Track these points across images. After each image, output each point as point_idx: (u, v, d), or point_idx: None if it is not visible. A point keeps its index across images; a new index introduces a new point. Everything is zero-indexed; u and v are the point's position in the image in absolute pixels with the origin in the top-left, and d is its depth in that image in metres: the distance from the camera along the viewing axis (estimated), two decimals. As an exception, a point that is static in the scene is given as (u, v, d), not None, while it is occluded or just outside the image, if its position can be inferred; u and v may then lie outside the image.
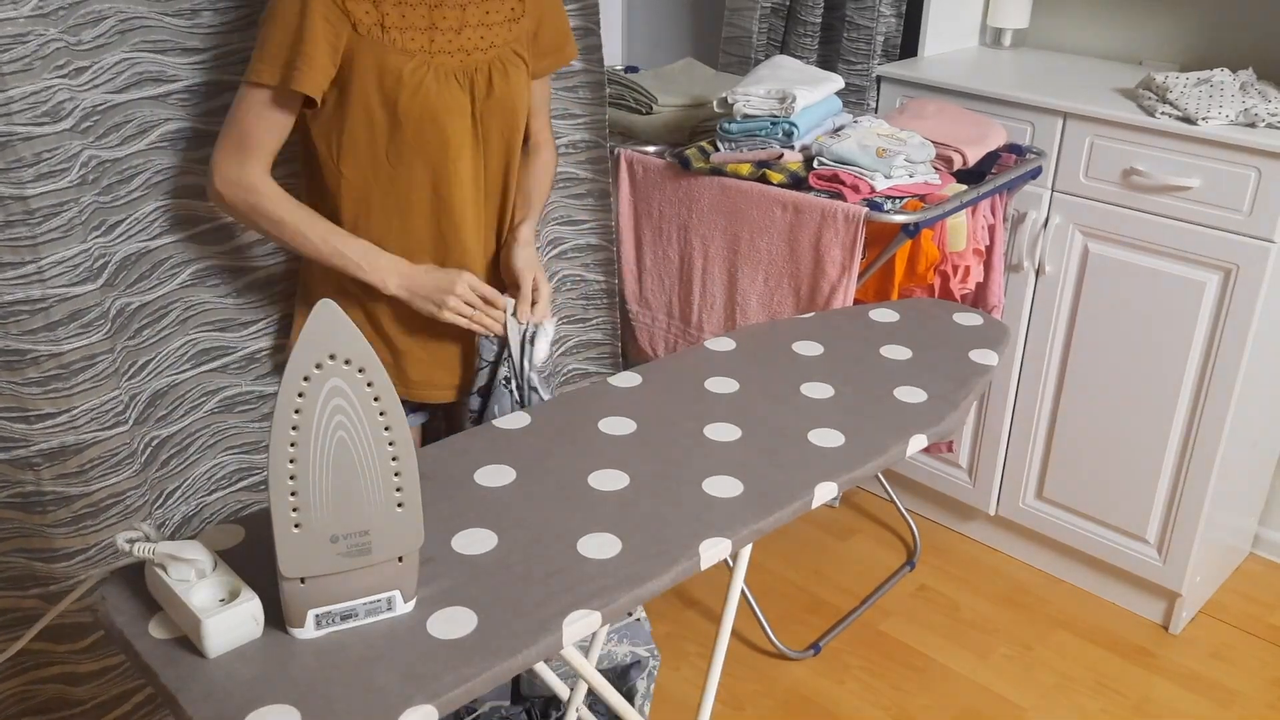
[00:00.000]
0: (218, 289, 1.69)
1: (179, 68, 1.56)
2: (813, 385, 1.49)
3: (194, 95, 1.59)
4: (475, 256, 1.64)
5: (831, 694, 2.20)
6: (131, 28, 1.49)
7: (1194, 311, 2.14)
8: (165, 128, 1.57)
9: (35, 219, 1.36)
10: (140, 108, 1.53)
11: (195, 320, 1.68)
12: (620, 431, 1.36)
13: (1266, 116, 2.03)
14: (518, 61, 1.58)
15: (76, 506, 1.50)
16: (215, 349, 1.71)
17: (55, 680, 1.59)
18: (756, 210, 2.05)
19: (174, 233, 1.62)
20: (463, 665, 0.99)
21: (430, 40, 1.49)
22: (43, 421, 1.45)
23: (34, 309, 1.40)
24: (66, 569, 1.53)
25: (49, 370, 1.43)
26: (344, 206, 1.57)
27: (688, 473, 1.28)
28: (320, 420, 0.96)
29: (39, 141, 1.35)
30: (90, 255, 1.44)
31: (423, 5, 1.48)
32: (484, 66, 1.54)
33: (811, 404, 1.45)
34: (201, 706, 0.94)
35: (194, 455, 1.73)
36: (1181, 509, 2.26)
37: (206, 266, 1.68)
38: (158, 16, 1.52)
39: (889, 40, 2.53)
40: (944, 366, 1.55)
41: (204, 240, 1.66)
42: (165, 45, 1.54)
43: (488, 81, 1.54)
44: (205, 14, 1.57)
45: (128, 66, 1.50)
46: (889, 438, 1.37)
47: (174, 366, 1.66)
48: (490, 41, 1.54)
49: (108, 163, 1.49)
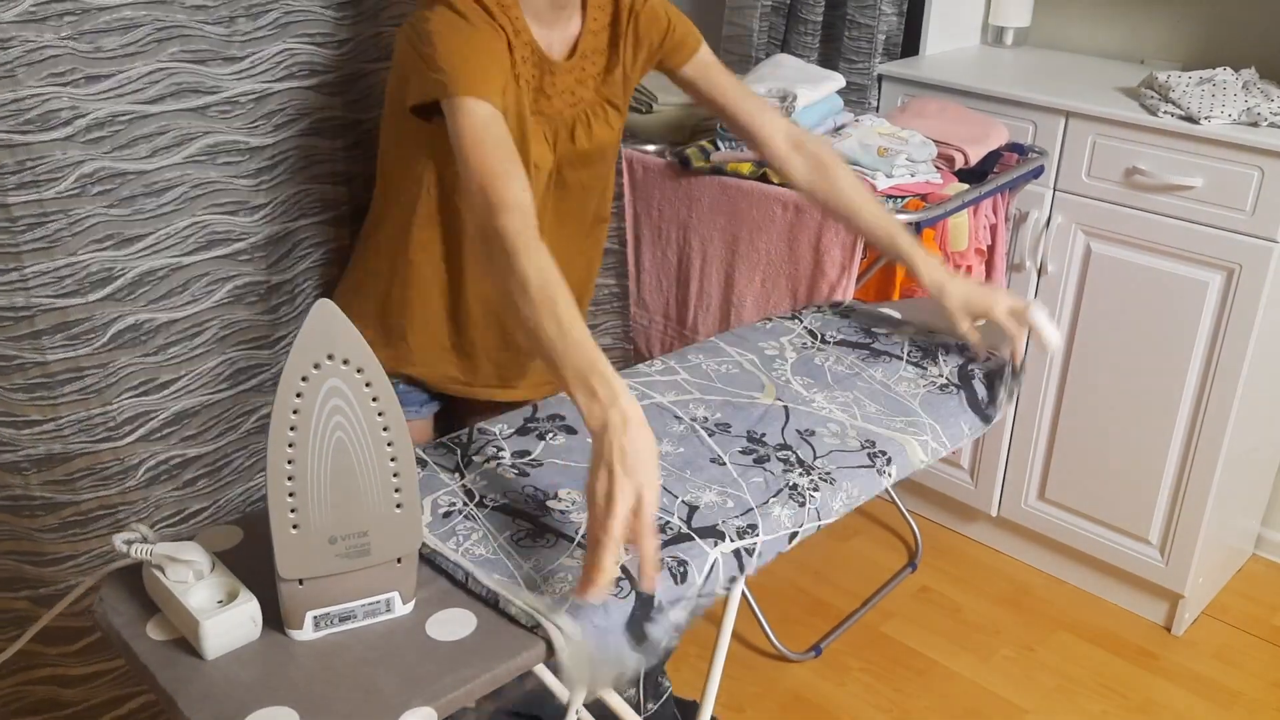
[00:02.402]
0: (255, 306, 1.65)
1: (219, 78, 1.52)
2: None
3: (235, 106, 1.55)
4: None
5: (833, 696, 2.19)
6: (169, 36, 1.45)
7: (1196, 311, 2.13)
8: (205, 140, 1.53)
9: (18, 227, 1.35)
10: (176, 119, 1.49)
11: (233, 339, 1.64)
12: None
13: (1269, 116, 2.03)
14: (603, 111, 1.55)
15: (65, 514, 1.49)
16: (253, 367, 1.68)
17: (46, 682, 1.59)
18: (756, 209, 2.05)
19: (211, 249, 1.57)
20: (462, 667, 0.98)
21: (534, 100, 1.46)
22: (30, 428, 1.44)
23: (18, 316, 1.38)
24: (56, 573, 1.52)
25: (34, 378, 1.41)
26: (441, 220, 1.49)
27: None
28: (318, 421, 0.95)
29: (22, 150, 1.33)
30: (82, 268, 1.42)
31: (537, 67, 1.45)
32: (567, 120, 1.50)
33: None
34: (200, 708, 0.93)
35: (228, 476, 1.69)
36: (1184, 510, 2.25)
37: (246, 284, 1.63)
38: (197, 25, 1.48)
39: (890, 39, 2.52)
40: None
41: (242, 257, 1.61)
42: (205, 55, 1.49)
43: (570, 133, 1.51)
44: (240, 21, 1.52)
45: (163, 76, 1.46)
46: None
47: (208, 386, 1.62)
48: (579, 97, 1.51)
49: (130, 175, 1.46)
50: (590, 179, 1.59)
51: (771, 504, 1.22)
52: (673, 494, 1.22)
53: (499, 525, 1.16)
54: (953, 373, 1.50)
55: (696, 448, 1.32)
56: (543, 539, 1.14)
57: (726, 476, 1.26)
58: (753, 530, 1.18)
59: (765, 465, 1.28)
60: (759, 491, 1.24)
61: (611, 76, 1.55)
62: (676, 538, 1.15)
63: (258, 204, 1.62)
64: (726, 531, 1.17)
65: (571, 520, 1.18)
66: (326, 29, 1.63)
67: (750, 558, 1.16)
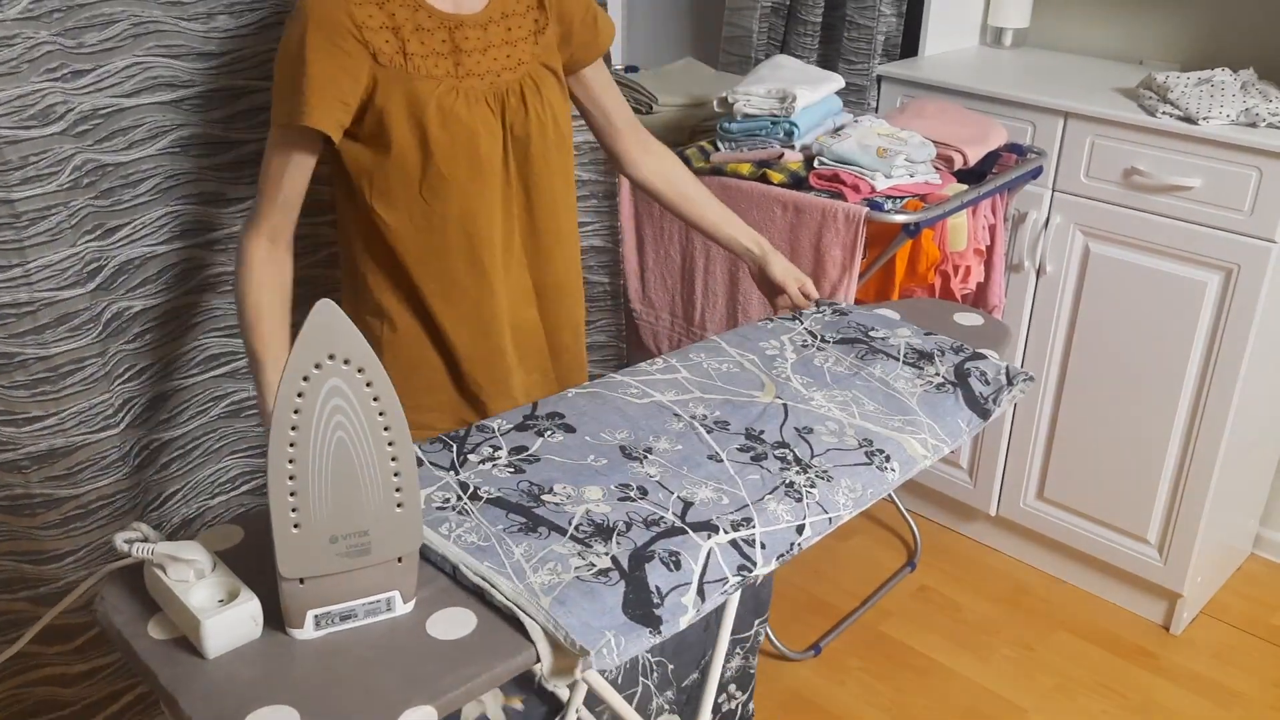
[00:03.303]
0: (229, 295, 1.68)
1: (193, 73, 1.54)
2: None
3: (209, 101, 1.57)
4: (501, 293, 1.53)
5: (832, 695, 2.19)
6: (145, 31, 1.48)
7: (1195, 311, 2.14)
8: (178, 133, 1.55)
9: (21, 222, 1.36)
10: (151, 112, 1.51)
11: (205, 326, 1.67)
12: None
13: (1267, 116, 2.03)
14: (548, 76, 1.51)
15: (65, 509, 1.50)
16: (224, 354, 1.71)
17: (45, 683, 1.59)
18: (757, 210, 2.05)
19: (185, 238, 1.60)
20: (462, 666, 0.98)
21: (455, 64, 1.41)
22: (31, 425, 1.44)
23: (21, 312, 1.39)
24: (56, 570, 1.52)
25: (37, 373, 1.42)
26: (381, 254, 1.47)
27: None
28: (319, 420, 0.96)
29: (26, 145, 1.34)
30: (80, 259, 1.43)
31: (442, 29, 1.40)
32: (515, 86, 1.45)
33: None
34: (201, 707, 0.93)
35: (198, 459, 1.72)
36: (1183, 509, 2.25)
37: (219, 273, 1.66)
38: (173, 21, 1.50)
39: (889, 40, 2.53)
40: (945, 366, 1.54)
41: (216, 247, 1.65)
42: (180, 50, 1.52)
43: (520, 101, 1.46)
44: (220, 18, 1.54)
45: (139, 70, 1.48)
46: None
47: (180, 371, 1.65)
48: (517, 59, 1.47)
49: (109, 167, 1.48)
50: (553, 157, 1.53)
51: (767, 500, 1.22)
52: (668, 490, 1.23)
53: (492, 518, 1.17)
54: (950, 371, 1.51)
55: (694, 445, 1.32)
56: (535, 531, 1.15)
57: (723, 473, 1.27)
58: (748, 524, 1.18)
59: (762, 463, 1.29)
60: (755, 488, 1.24)
61: (545, 38, 1.51)
62: (669, 531, 1.16)
63: (234, 197, 1.65)
64: (720, 525, 1.17)
65: (565, 512, 1.18)
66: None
67: (752, 548, 1.16)
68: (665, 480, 1.25)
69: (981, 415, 1.44)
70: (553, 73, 1.52)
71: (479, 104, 1.42)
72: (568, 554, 1.11)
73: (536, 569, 1.08)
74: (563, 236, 1.59)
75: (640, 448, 1.32)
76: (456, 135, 1.41)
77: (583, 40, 1.57)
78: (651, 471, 1.27)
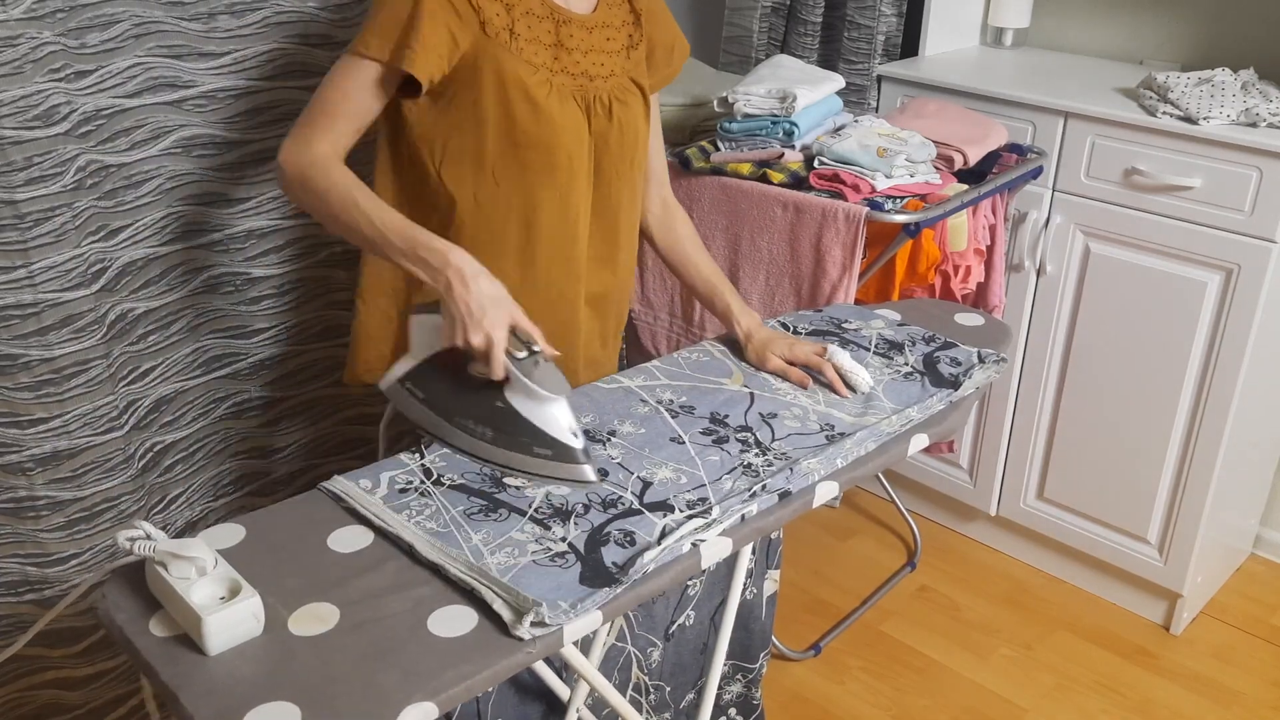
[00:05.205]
0: (230, 296, 1.68)
1: (195, 73, 1.54)
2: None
3: (211, 101, 1.57)
4: (544, 296, 1.48)
5: (832, 695, 2.19)
6: (147, 32, 1.47)
7: (1195, 311, 2.14)
8: (180, 133, 1.55)
9: (25, 224, 1.35)
10: (154, 113, 1.51)
11: (206, 327, 1.66)
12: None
13: (1268, 116, 2.03)
14: (635, 91, 1.49)
15: (69, 511, 1.50)
16: (227, 356, 1.70)
17: (50, 686, 1.59)
18: (757, 210, 2.05)
19: (187, 239, 1.60)
20: (462, 662, 0.99)
21: (554, 58, 1.39)
22: (35, 426, 1.44)
23: (25, 314, 1.39)
24: (60, 573, 1.52)
25: (41, 375, 1.42)
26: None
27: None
28: None
29: (30, 146, 1.34)
30: (84, 260, 1.43)
31: (550, 20, 1.39)
32: (604, 94, 1.44)
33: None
34: (202, 704, 0.94)
35: (200, 461, 1.72)
36: (1183, 509, 2.26)
37: (222, 274, 1.66)
38: (175, 21, 1.50)
39: (890, 39, 2.53)
40: (945, 365, 1.55)
41: (219, 248, 1.64)
42: (181, 50, 1.51)
43: (607, 110, 1.44)
44: (221, 18, 1.54)
45: (141, 71, 1.48)
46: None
47: (183, 373, 1.65)
48: (610, 69, 1.45)
49: (112, 167, 1.48)
50: (626, 172, 1.50)
51: (724, 480, 1.25)
52: (629, 470, 1.26)
53: (453, 501, 1.19)
54: (918, 361, 1.53)
55: (659, 428, 1.36)
56: (495, 514, 1.17)
57: (684, 455, 1.30)
58: (703, 503, 1.21)
59: (724, 445, 1.32)
60: (714, 469, 1.27)
61: (636, 54, 1.50)
62: (626, 512, 1.19)
63: (237, 197, 1.64)
64: (676, 504, 1.20)
65: (525, 496, 1.21)
66: (323, 30, 1.65)
67: (710, 515, 1.17)
68: (626, 461, 1.28)
69: (952, 386, 1.46)
70: (639, 90, 1.51)
71: (568, 101, 1.41)
72: (526, 540, 1.13)
73: (494, 552, 1.11)
74: (620, 252, 1.56)
75: (604, 430, 1.35)
76: (542, 125, 1.38)
77: (657, 66, 1.56)
78: (613, 454, 1.30)
